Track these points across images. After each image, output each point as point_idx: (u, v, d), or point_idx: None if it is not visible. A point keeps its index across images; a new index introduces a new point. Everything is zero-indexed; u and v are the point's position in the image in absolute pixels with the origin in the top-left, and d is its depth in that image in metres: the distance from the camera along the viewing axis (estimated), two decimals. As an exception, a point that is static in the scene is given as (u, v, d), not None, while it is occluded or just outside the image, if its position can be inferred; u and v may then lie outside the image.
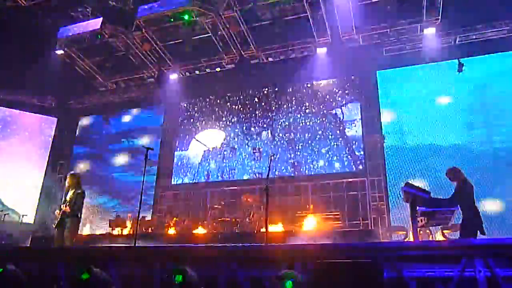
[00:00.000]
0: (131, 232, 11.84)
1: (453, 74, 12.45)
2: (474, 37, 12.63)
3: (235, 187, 14.13)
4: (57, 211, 7.57)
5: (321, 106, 14.32)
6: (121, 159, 16.83)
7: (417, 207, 6.32)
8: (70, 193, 7.57)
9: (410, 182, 7.09)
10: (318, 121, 14.14)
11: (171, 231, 12.06)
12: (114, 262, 5.12)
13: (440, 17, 11.89)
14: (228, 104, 15.89)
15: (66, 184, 7.77)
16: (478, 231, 6.46)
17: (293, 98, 14.83)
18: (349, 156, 13.39)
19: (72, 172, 8.14)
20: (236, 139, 15.20)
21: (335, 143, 13.64)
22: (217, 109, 16.00)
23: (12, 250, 7.99)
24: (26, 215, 15.01)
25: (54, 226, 7.61)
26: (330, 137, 13.77)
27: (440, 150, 12.05)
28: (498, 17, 12.10)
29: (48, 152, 17.30)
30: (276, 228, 10.95)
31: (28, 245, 12.03)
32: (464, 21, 12.29)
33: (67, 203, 7.38)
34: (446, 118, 12.38)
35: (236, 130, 15.34)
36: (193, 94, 16.26)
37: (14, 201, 15.66)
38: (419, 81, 13.10)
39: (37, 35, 13.78)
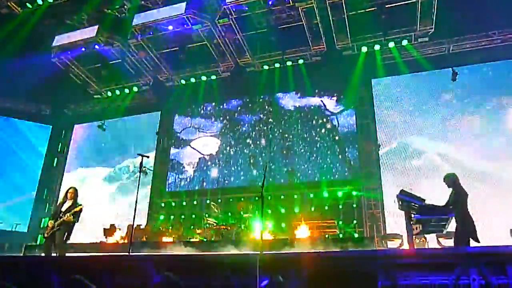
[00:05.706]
0: (126, 241, 11.74)
1: (447, 82, 12.60)
2: (467, 46, 12.76)
3: (230, 195, 14.10)
4: (51, 221, 7.48)
5: (317, 114, 14.36)
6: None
7: (412, 215, 6.32)
8: (67, 205, 7.51)
9: (405, 189, 7.09)
10: (314, 129, 14.17)
11: (166, 239, 11.98)
12: (108, 271, 5.07)
13: (433, 26, 12.02)
14: (224, 111, 15.93)
15: (68, 196, 7.65)
16: (471, 239, 6.44)
17: (289, 106, 14.88)
18: (344, 164, 13.41)
19: (72, 186, 8.06)
20: (231, 147, 15.20)
21: (330, 151, 13.67)
22: (212, 116, 16.02)
23: (4, 259, 7.89)
24: (19, 224, 14.86)
25: (44, 237, 7.52)
26: (325, 145, 13.81)
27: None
28: (491, 26, 12.23)
29: (42, 160, 17.21)
30: (270, 236, 10.92)
31: (21, 255, 11.87)
32: (458, 30, 12.41)
33: (67, 213, 7.32)
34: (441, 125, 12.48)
35: (231, 138, 15.35)
36: (188, 101, 16.26)
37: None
38: (414, 89, 13.19)
39: (32, 43, 13.76)
